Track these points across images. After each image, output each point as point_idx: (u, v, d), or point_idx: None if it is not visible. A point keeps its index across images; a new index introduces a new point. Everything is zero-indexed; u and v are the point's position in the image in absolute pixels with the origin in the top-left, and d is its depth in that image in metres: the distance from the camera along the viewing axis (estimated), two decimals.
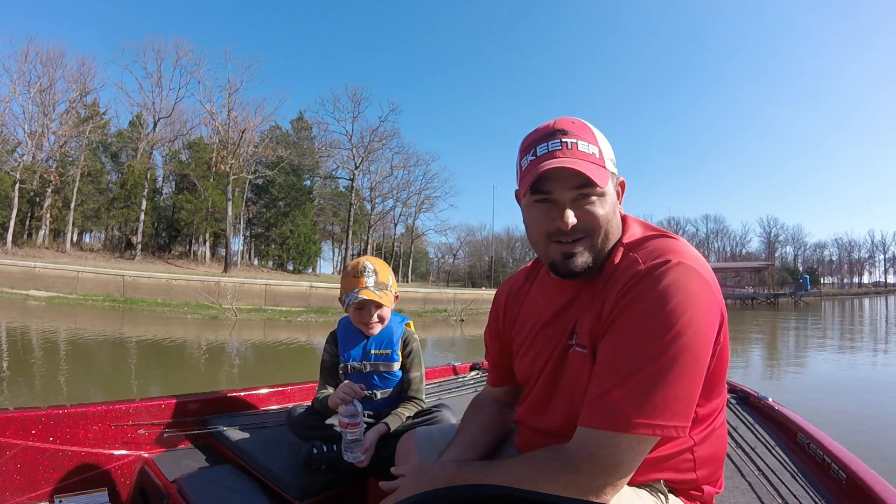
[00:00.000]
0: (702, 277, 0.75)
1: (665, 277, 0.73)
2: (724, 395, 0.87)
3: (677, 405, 0.70)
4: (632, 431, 0.69)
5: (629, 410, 0.70)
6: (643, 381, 0.70)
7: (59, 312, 14.01)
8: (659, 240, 0.82)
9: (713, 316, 0.75)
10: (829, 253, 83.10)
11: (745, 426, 1.88)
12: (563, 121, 0.85)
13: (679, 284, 0.73)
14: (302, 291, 20.81)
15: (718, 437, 0.87)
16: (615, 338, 0.76)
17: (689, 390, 0.72)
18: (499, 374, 1.12)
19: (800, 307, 37.27)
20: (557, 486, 0.73)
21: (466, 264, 60.61)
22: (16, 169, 28.64)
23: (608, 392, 0.72)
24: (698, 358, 0.72)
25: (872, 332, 16.50)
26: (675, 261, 0.75)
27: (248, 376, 7.25)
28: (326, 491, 1.33)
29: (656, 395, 0.69)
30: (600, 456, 0.71)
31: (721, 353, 0.79)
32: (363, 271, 1.53)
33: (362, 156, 40.93)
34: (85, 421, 1.48)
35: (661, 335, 0.71)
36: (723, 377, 0.83)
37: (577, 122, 0.85)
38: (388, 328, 1.63)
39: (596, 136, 0.85)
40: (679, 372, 0.70)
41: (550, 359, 0.90)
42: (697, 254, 0.79)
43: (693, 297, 0.72)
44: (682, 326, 0.70)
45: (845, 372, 8.46)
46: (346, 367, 1.61)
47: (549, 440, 0.83)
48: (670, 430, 0.70)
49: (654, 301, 0.73)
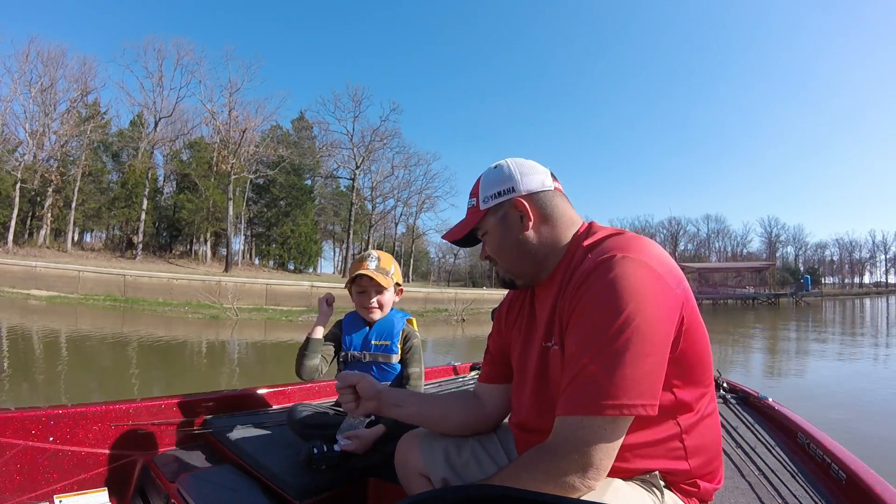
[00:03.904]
0: (648, 268, 0.79)
1: (611, 270, 0.79)
2: (709, 381, 0.89)
3: (640, 385, 0.74)
4: (600, 413, 0.73)
5: (594, 394, 0.74)
6: (603, 364, 0.74)
7: (60, 312, 14.04)
8: (613, 238, 0.88)
9: (666, 302, 0.79)
10: (830, 253, 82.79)
11: (745, 426, 1.88)
12: (474, 184, 1.03)
13: (624, 275, 0.78)
14: (303, 291, 20.83)
15: (708, 426, 0.89)
16: (572, 330, 0.82)
17: (649, 371, 0.75)
18: (489, 371, 1.16)
19: (801, 307, 37.22)
20: (539, 475, 0.75)
21: (467, 264, 60.56)
22: (17, 168, 28.65)
23: (574, 380, 0.77)
24: (654, 341, 0.75)
25: (873, 332, 16.48)
26: (619, 255, 0.80)
27: (248, 376, 7.25)
28: (326, 491, 1.33)
29: (617, 376, 0.73)
30: (574, 439, 0.75)
31: (690, 337, 0.82)
32: (367, 257, 1.68)
33: (363, 155, 40.91)
34: (85, 421, 1.48)
35: (611, 322, 0.75)
36: (702, 362, 0.86)
37: (476, 180, 1.03)
38: (390, 320, 1.70)
39: (480, 184, 1.01)
40: (634, 354, 0.74)
41: (534, 360, 0.95)
42: (651, 248, 0.84)
43: (639, 286, 0.77)
44: (630, 312, 0.75)
45: (845, 372, 8.45)
46: (346, 355, 1.68)
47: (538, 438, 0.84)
48: (637, 408, 0.73)
49: (599, 292, 0.78)
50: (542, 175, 0.99)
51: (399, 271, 1.75)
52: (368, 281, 1.64)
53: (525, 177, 0.97)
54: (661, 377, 0.77)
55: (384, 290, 1.67)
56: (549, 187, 0.98)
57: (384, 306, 1.69)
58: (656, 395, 0.75)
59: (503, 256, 1.00)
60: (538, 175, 0.99)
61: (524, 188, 0.97)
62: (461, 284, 49.63)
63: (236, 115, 33.51)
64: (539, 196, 0.97)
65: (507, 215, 0.97)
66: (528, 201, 0.96)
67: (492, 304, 2.13)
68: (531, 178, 0.97)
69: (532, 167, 1.00)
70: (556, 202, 0.98)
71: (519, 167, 0.99)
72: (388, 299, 1.69)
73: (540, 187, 0.97)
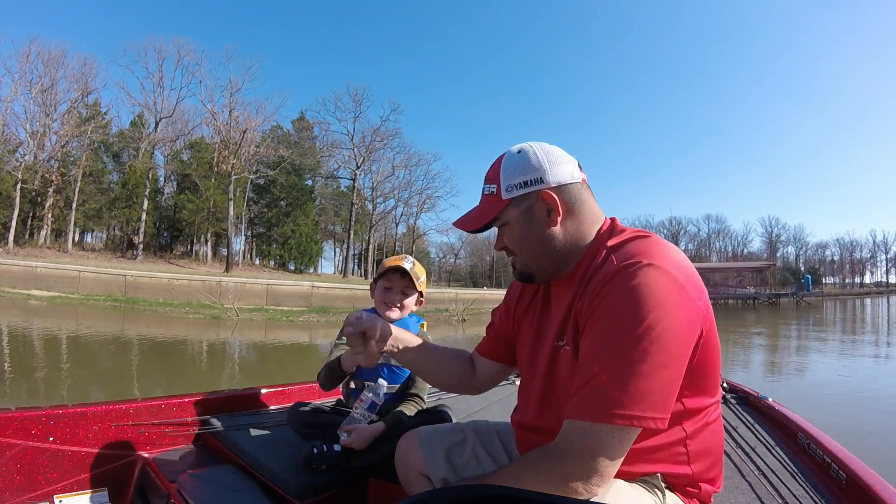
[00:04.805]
0: (673, 279, 0.76)
1: (634, 277, 0.76)
2: (717, 390, 0.88)
3: (653, 397, 0.72)
4: (610, 421, 0.72)
5: (606, 402, 0.72)
6: (618, 372, 0.72)
7: (61, 312, 14.05)
8: (638, 241, 0.84)
9: (687, 314, 0.76)
10: (830, 253, 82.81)
11: (745, 426, 1.88)
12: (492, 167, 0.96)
13: (647, 283, 0.75)
14: (303, 291, 20.84)
15: (713, 432, 0.88)
16: (589, 333, 0.79)
17: (664, 384, 0.73)
18: (489, 345, 1.17)
19: (801, 307, 37.20)
20: (542, 476, 0.74)
21: (468, 264, 60.66)
22: (17, 169, 28.69)
23: (587, 384, 0.75)
24: (672, 353, 0.73)
25: (874, 332, 16.45)
26: (645, 262, 0.77)
27: (249, 376, 7.26)
28: (326, 491, 1.33)
29: (631, 386, 0.71)
30: (581, 444, 0.73)
31: (706, 349, 0.81)
32: (404, 258, 1.68)
33: (363, 155, 40.94)
34: (85, 421, 1.48)
35: (631, 329, 0.73)
36: (712, 372, 0.84)
37: (495, 163, 0.96)
38: (404, 323, 1.69)
39: (501, 170, 0.93)
40: (652, 365, 0.72)
41: (544, 358, 0.93)
42: (676, 256, 0.81)
43: (662, 296, 0.74)
44: (651, 322, 0.72)
45: (846, 372, 8.44)
46: None
47: (544, 438, 0.83)
48: (647, 420, 0.72)
49: (621, 298, 0.76)
50: (571, 165, 0.92)
51: (425, 283, 1.74)
52: (399, 278, 1.64)
53: (554, 166, 0.90)
54: (675, 391, 0.75)
55: (410, 293, 1.67)
56: (578, 179, 0.92)
57: (405, 308, 1.68)
58: (668, 408, 0.74)
59: (524, 250, 0.94)
60: (567, 165, 0.91)
61: (553, 180, 0.89)
62: (462, 285, 49.66)
63: (237, 116, 33.55)
64: (567, 189, 0.90)
65: (533, 208, 0.91)
66: (557, 194, 0.89)
67: (492, 304, 2.14)
68: (560, 169, 0.90)
69: (560, 155, 0.92)
70: (584, 196, 0.92)
71: (546, 155, 0.91)
72: (410, 303, 1.69)
73: (569, 179, 0.91)
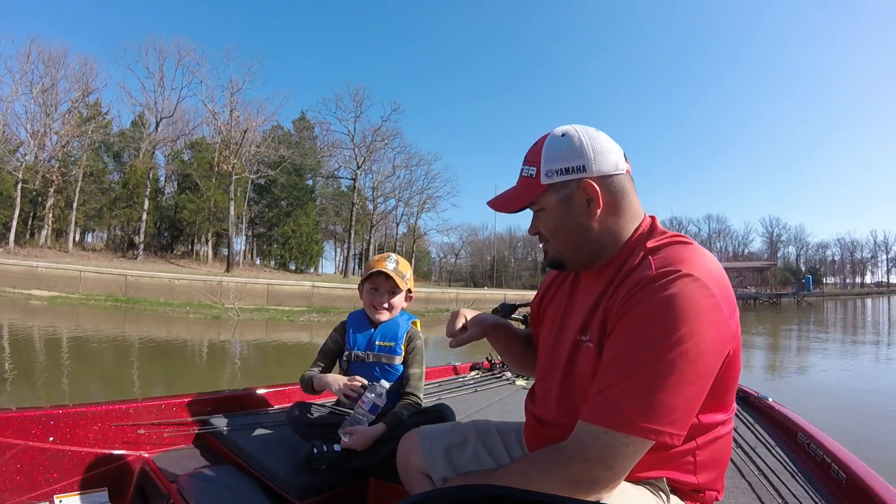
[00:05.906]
0: (710, 293, 0.73)
1: (672, 286, 0.73)
2: (731, 405, 0.86)
3: (675, 413, 0.70)
4: (627, 431, 0.70)
5: (626, 410, 0.70)
6: (642, 382, 0.70)
7: (62, 312, 14.05)
8: (679, 247, 0.82)
9: (719, 333, 0.74)
10: (831, 253, 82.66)
11: (745, 426, 1.88)
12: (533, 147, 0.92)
13: (684, 294, 0.72)
14: (304, 291, 20.84)
15: (723, 443, 0.87)
16: (618, 337, 0.76)
17: (688, 399, 0.71)
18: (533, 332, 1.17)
19: (802, 307, 37.15)
20: (550, 477, 0.74)
21: (468, 264, 60.59)
22: (18, 169, 28.68)
23: (607, 389, 0.73)
24: (699, 369, 0.71)
25: (875, 332, 16.43)
26: (685, 271, 0.74)
27: (249, 376, 7.25)
28: (326, 491, 1.33)
29: (654, 399, 0.70)
30: (593, 449, 0.72)
31: (729, 367, 0.79)
32: (386, 258, 1.68)
33: (364, 155, 40.95)
34: (85, 421, 1.48)
35: (662, 340, 0.70)
36: (731, 387, 0.83)
37: (536, 143, 0.92)
38: (395, 322, 1.70)
39: (542, 152, 0.89)
40: (678, 380, 0.70)
41: (566, 350, 0.91)
42: (714, 268, 0.78)
43: (696, 311, 0.72)
44: (682, 335, 0.70)
45: (846, 372, 8.43)
46: (350, 354, 1.68)
47: (555, 433, 0.83)
48: (665, 436, 0.70)
49: (655, 306, 0.73)
50: (616, 155, 0.87)
51: (412, 278, 1.74)
52: (384, 280, 1.64)
53: (598, 155, 0.86)
54: (695, 409, 0.74)
55: (397, 293, 1.67)
56: (622, 170, 0.87)
57: (394, 308, 1.69)
58: (687, 425, 0.72)
59: (559, 239, 0.91)
60: (612, 154, 0.87)
61: (596, 169, 0.85)
62: (462, 284, 49.65)
63: (237, 116, 33.56)
64: (611, 180, 0.86)
65: (573, 196, 0.87)
66: (600, 185, 0.86)
67: (492, 304, 2.13)
68: (605, 158, 0.86)
69: (606, 143, 0.88)
70: (627, 189, 0.88)
71: (592, 141, 0.87)
72: (398, 302, 1.69)
73: (613, 170, 0.86)
